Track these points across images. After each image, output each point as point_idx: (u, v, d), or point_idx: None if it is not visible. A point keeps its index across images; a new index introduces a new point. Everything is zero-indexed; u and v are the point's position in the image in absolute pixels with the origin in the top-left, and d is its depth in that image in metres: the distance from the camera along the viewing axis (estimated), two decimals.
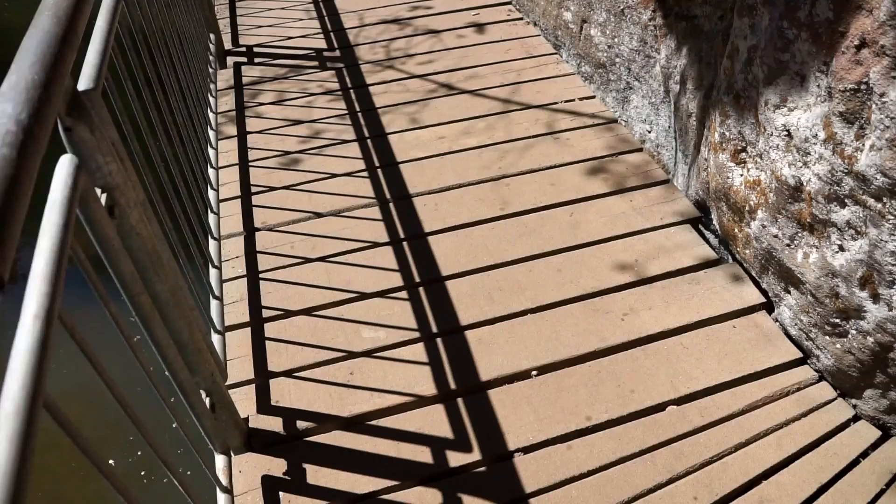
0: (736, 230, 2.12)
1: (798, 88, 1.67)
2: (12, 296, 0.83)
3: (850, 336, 1.71)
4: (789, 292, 1.93)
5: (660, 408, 1.75)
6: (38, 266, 0.86)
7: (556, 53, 3.35)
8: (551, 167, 2.55)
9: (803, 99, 1.66)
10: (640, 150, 2.71)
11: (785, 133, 1.74)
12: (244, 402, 1.80)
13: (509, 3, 3.72)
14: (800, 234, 1.80)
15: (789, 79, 1.69)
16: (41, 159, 0.89)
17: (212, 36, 3.26)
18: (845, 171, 1.55)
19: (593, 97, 3.04)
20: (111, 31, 1.43)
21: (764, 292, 2.08)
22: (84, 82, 1.24)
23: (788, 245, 1.85)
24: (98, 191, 1.21)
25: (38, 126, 0.90)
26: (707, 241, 2.34)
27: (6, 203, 0.75)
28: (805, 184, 1.71)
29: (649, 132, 2.94)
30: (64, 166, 1.03)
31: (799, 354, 1.90)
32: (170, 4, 2.34)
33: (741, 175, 2.01)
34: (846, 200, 1.58)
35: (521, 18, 3.59)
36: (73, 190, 1.00)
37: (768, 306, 2.07)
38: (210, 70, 3.05)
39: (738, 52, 1.90)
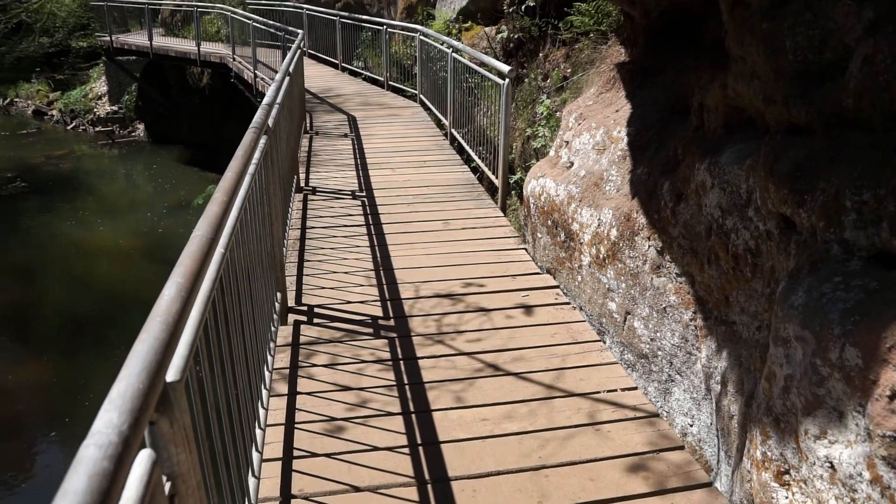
0: None
1: (837, 423, 1.72)
2: None
3: None
4: None
5: None
6: None
7: (599, 340, 3.50)
8: (591, 460, 2.55)
9: (843, 434, 1.70)
10: (682, 447, 2.71)
11: (828, 465, 1.75)
12: None
13: (557, 287, 3.97)
14: None
15: (827, 412, 1.75)
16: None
17: (278, 295, 3.53)
18: None
19: (635, 388, 3.10)
20: (202, 322, 1.61)
21: None
22: (172, 373, 1.37)
23: None
24: (163, 478, 1.28)
25: (134, 435, 1.01)
26: None
27: None
28: None
29: (691, 426, 2.95)
30: (142, 463, 1.11)
31: None
32: (249, 271, 2.59)
33: (787, 498, 1.98)
34: None
35: (568, 303, 3.81)
36: (147, 486, 1.08)
37: None
38: (272, 328, 3.27)
39: (776, 378, 1.98)
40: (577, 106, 4.43)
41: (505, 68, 5.01)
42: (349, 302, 3.73)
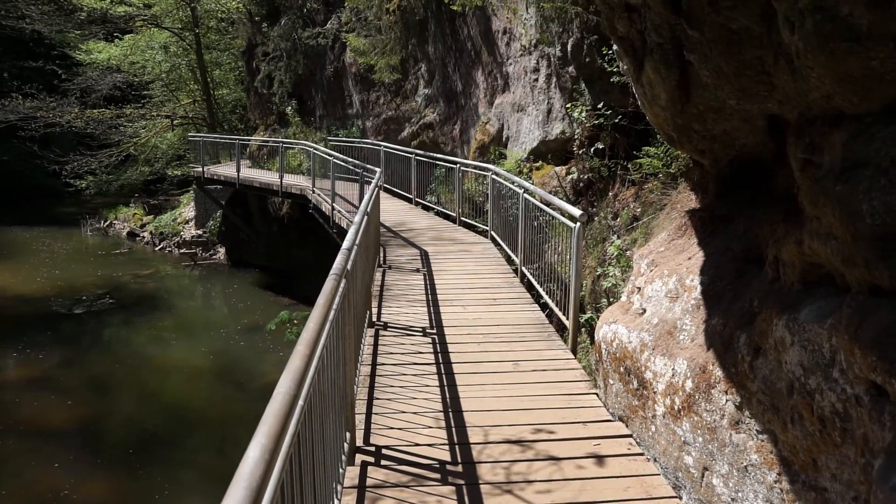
0: None
1: None
2: None
3: None
4: None
5: None
6: None
7: (675, 496, 3.33)
8: None
9: None
10: None
11: None
12: None
13: (630, 436, 3.84)
14: None
15: None
16: None
17: (347, 434, 3.53)
18: None
19: None
20: (280, 481, 1.63)
21: None
22: None
23: None
24: None
25: None
26: None
27: None
28: None
29: None
30: None
31: None
32: (322, 415, 2.61)
33: None
34: None
35: (642, 454, 3.67)
36: None
37: None
38: (340, 470, 3.25)
39: None
40: (649, 251, 4.46)
41: (576, 212, 5.12)
42: (417, 444, 3.70)
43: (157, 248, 21.95)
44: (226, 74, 24.97)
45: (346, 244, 3.67)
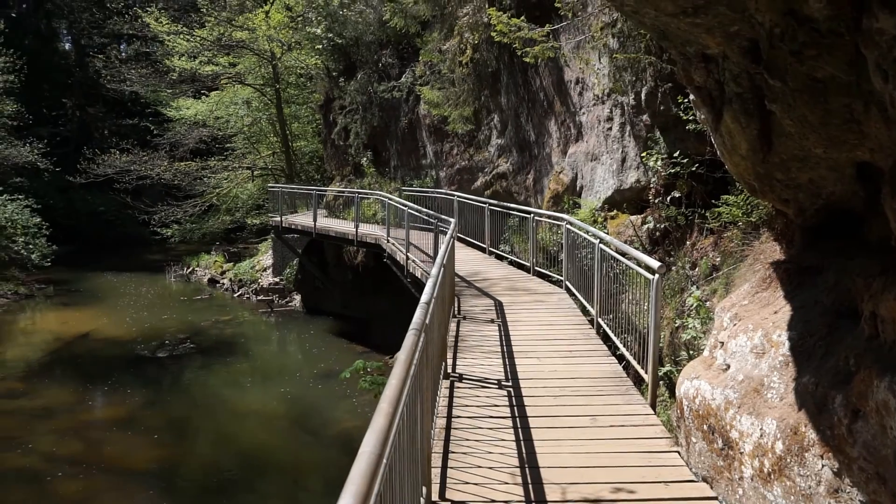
0: None
1: None
2: None
3: None
4: None
5: None
6: None
7: None
8: None
9: None
10: None
11: None
12: None
13: (715, 498, 3.66)
14: None
15: None
16: None
17: (423, 489, 3.51)
18: None
19: None
20: None
21: None
22: None
23: None
24: None
25: None
26: None
27: None
28: None
29: None
30: None
31: None
32: (399, 468, 2.60)
33: None
34: None
35: None
36: None
37: None
38: None
39: None
40: (732, 304, 4.31)
41: (655, 264, 5.02)
42: (493, 501, 3.62)
43: (235, 295, 22.68)
44: (304, 127, 25.97)
45: (424, 297, 3.71)
